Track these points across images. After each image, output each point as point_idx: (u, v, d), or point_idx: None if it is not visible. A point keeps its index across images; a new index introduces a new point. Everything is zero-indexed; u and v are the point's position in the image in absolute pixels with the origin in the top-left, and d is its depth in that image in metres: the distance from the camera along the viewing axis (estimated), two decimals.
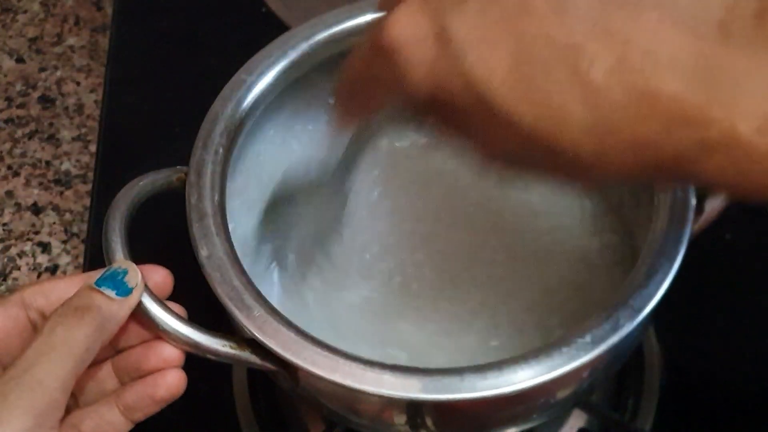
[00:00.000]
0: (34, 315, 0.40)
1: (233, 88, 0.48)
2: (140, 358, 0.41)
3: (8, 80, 0.78)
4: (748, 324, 0.60)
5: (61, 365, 0.36)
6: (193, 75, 0.72)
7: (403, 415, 0.42)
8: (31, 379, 0.36)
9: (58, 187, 0.72)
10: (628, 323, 0.40)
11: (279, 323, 0.41)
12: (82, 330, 0.37)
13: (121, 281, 0.39)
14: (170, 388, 0.40)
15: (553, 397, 0.44)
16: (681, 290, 0.42)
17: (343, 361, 0.40)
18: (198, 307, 0.41)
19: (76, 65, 0.79)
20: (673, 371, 0.58)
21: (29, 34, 0.81)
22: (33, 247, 0.69)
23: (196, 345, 0.41)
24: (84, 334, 0.37)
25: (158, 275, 0.42)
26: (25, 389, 0.35)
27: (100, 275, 0.39)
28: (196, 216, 0.44)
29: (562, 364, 0.39)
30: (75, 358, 0.37)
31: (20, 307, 0.40)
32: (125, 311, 0.39)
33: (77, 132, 0.75)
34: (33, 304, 0.40)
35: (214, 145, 0.46)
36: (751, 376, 0.58)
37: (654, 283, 0.41)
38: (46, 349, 0.37)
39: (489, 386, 0.39)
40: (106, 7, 0.82)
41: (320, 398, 0.44)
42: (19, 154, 0.74)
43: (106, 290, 0.39)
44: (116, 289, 0.39)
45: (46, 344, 0.37)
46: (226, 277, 0.42)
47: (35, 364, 0.36)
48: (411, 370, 0.40)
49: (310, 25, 0.50)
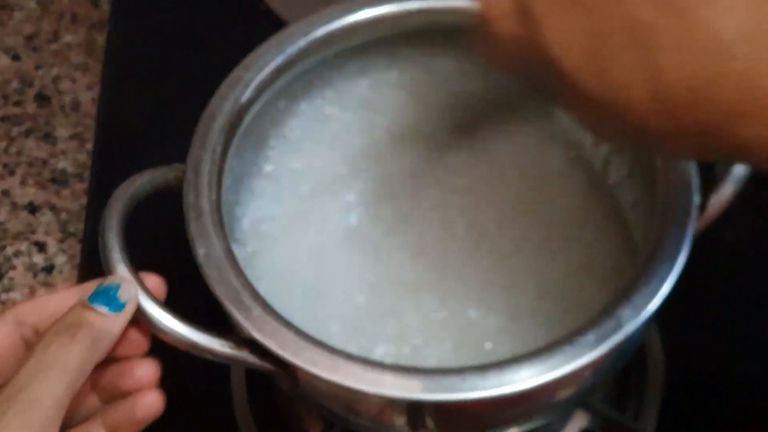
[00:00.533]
0: (27, 332, 0.40)
1: (231, 86, 0.48)
2: (115, 378, 0.41)
3: (4, 78, 0.78)
4: (751, 324, 0.60)
5: (56, 383, 0.36)
6: (191, 72, 0.71)
7: (404, 415, 0.42)
8: (26, 397, 0.35)
9: (54, 186, 0.72)
10: (631, 322, 0.40)
11: (278, 323, 0.40)
12: (76, 347, 0.37)
13: (113, 297, 0.39)
14: (147, 410, 0.40)
15: (554, 397, 0.43)
16: (684, 290, 0.42)
17: (343, 361, 0.40)
18: (196, 307, 0.41)
19: (73, 63, 0.79)
20: (675, 371, 0.58)
21: (25, 32, 0.81)
22: (29, 247, 0.69)
23: (194, 345, 0.40)
24: (77, 352, 0.37)
25: (151, 282, 0.41)
26: (20, 408, 0.35)
27: (93, 291, 0.39)
28: (193, 214, 0.43)
29: (563, 364, 0.39)
30: (69, 376, 0.37)
31: (13, 324, 0.40)
32: (119, 327, 0.39)
33: (74, 130, 0.75)
34: (26, 321, 0.40)
35: (211, 143, 0.46)
36: (754, 376, 0.58)
37: (656, 282, 0.41)
38: (40, 367, 0.36)
39: (490, 386, 0.39)
40: (103, 5, 0.82)
41: (320, 399, 0.44)
42: (15, 153, 0.74)
43: (98, 306, 0.39)
44: (108, 305, 0.39)
45: (40, 362, 0.37)
46: (224, 276, 0.42)
47: (30, 383, 0.36)
48: (411, 370, 0.40)
49: (308, 23, 0.50)
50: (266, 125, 0.52)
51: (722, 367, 0.58)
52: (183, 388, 0.55)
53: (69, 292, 0.41)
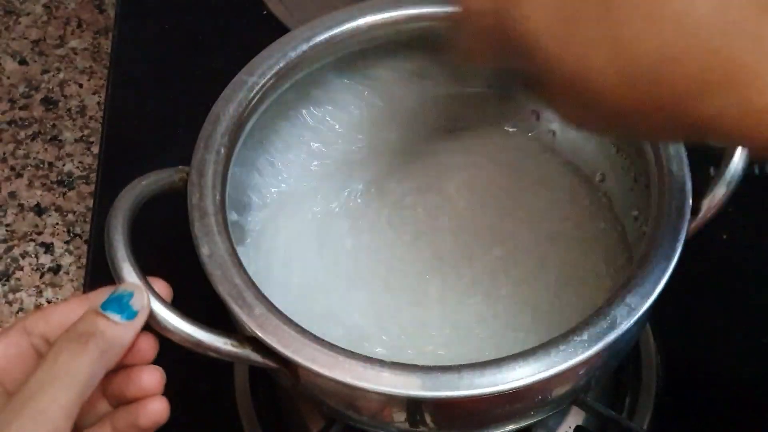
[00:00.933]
0: (37, 341, 0.40)
1: (235, 89, 0.48)
2: (121, 385, 0.40)
3: (11, 82, 0.79)
4: (745, 322, 0.60)
5: (65, 393, 0.36)
6: (195, 77, 0.72)
7: (403, 412, 0.42)
8: (34, 407, 0.35)
9: (60, 188, 0.72)
10: (625, 321, 0.41)
11: (279, 321, 0.41)
12: (86, 357, 0.37)
13: (126, 304, 0.39)
14: (151, 417, 0.40)
15: (550, 394, 0.44)
16: (679, 289, 0.43)
17: (343, 358, 0.40)
18: (200, 306, 0.41)
19: (79, 67, 0.79)
20: (670, 370, 0.58)
21: (32, 37, 0.82)
22: (36, 248, 0.69)
23: (198, 343, 0.41)
24: (88, 361, 0.37)
25: (157, 287, 0.41)
26: (28, 418, 0.35)
27: (106, 298, 0.39)
28: (197, 215, 0.44)
29: (559, 362, 0.40)
30: (78, 385, 0.36)
31: (22, 334, 0.40)
32: (130, 335, 0.39)
33: (80, 133, 0.75)
34: (35, 330, 0.40)
35: (215, 145, 0.46)
36: (748, 375, 0.58)
37: (650, 281, 0.42)
38: (49, 377, 0.36)
39: (487, 383, 0.39)
40: (108, 10, 0.83)
41: (320, 395, 0.44)
42: (22, 156, 0.74)
43: (111, 314, 0.38)
44: (121, 313, 0.38)
45: (49, 372, 0.36)
46: (227, 276, 0.42)
47: (38, 393, 0.36)
48: (410, 367, 0.40)
49: (311, 27, 0.50)
50: (269, 128, 0.53)
51: (716, 365, 0.58)
52: (188, 386, 0.57)
53: (77, 301, 0.40)
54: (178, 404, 0.41)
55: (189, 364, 0.42)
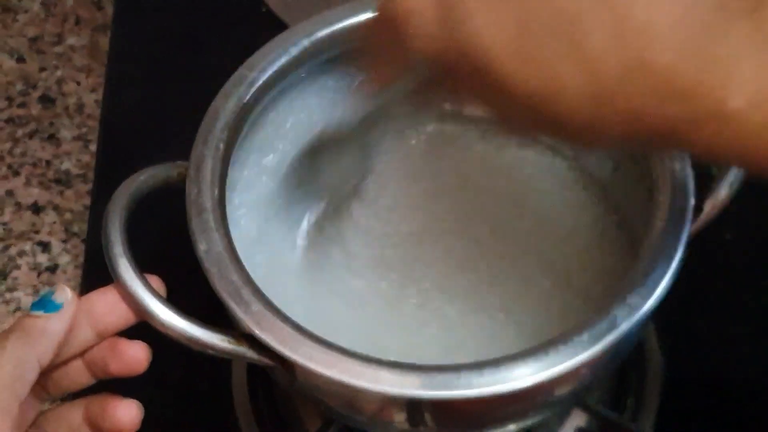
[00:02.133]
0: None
1: (234, 84, 0.48)
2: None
3: (8, 80, 0.78)
4: (749, 324, 0.60)
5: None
6: (193, 75, 0.72)
7: (401, 412, 0.42)
8: None
9: (58, 187, 0.72)
10: (626, 322, 0.40)
11: (276, 318, 0.41)
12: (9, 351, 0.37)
13: (48, 300, 0.40)
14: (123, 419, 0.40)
15: (551, 395, 0.43)
16: (682, 290, 0.42)
17: (341, 357, 0.40)
18: (197, 302, 0.41)
19: (77, 65, 0.79)
20: (674, 371, 0.58)
21: (30, 34, 0.81)
22: (33, 247, 0.69)
23: (195, 340, 0.41)
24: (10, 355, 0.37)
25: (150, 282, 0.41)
26: None
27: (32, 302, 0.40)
28: (195, 211, 0.44)
29: (559, 363, 0.39)
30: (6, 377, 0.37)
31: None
32: (57, 326, 0.39)
33: (77, 131, 0.75)
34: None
35: (214, 141, 0.46)
36: (752, 376, 0.58)
37: (652, 281, 0.41)
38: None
39: (486, 384, 0.39)
40: (106, 7, 0.82)
41: (318, 394, 0.44)
42: (19, 154, 0.74)
43: (35, 312, 0.39)
44: (43, 309, 0.39)
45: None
46: (224, 272, 0.42)
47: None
48: (408, 367, 0.40)
49: (311, 23, 0.50)
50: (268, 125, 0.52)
51: (720, 367, 0.58)
52: (185, 385, 0.56)
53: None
54: (175, 403, 0.41)
55: (186, 363, 0.41)
